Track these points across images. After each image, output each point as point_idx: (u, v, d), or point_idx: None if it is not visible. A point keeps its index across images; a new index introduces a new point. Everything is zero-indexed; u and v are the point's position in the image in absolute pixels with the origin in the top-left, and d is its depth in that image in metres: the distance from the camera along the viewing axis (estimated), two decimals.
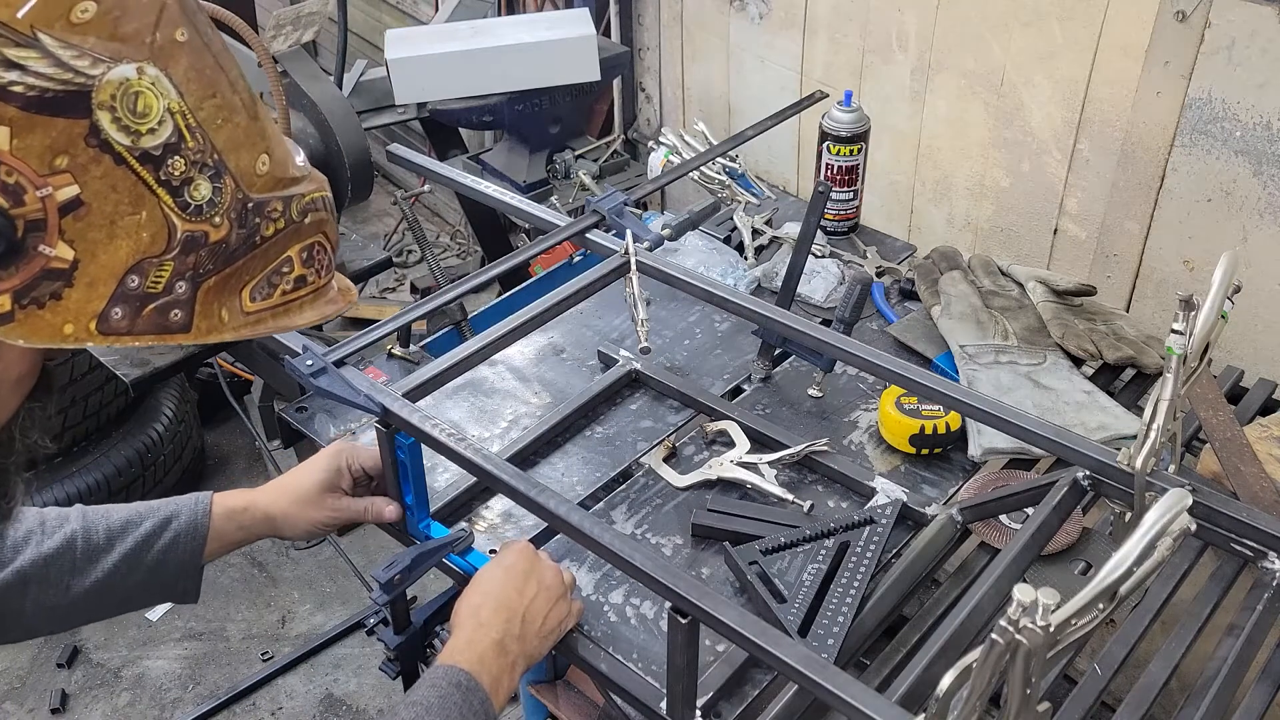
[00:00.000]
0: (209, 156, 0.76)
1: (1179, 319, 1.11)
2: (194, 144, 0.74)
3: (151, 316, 0.75)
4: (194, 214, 0.75)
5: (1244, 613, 1.21)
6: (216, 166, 0.76)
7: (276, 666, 2.82)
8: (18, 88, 0.66)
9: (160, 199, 0.73)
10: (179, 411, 3.22)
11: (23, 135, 0.66)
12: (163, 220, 0.74)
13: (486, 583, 1.23)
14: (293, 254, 0.87)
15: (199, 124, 0.74)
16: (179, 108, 0.73)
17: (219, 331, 0.81)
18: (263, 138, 0.81)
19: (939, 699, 0.83)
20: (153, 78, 0.71)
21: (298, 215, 0.85)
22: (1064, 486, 1.25)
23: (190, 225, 0.75)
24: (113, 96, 0.69)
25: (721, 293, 1.53)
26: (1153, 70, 1.92)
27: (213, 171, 0.76)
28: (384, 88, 2.72)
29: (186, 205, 0.75)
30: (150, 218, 0.73)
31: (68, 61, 0.67)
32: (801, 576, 1.29)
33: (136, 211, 0.72)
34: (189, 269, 0.76)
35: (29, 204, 0.67)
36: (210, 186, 0.76)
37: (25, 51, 0.66)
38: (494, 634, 1.18)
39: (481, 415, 1.66)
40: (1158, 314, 2.09)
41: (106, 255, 0.71)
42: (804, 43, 2.57)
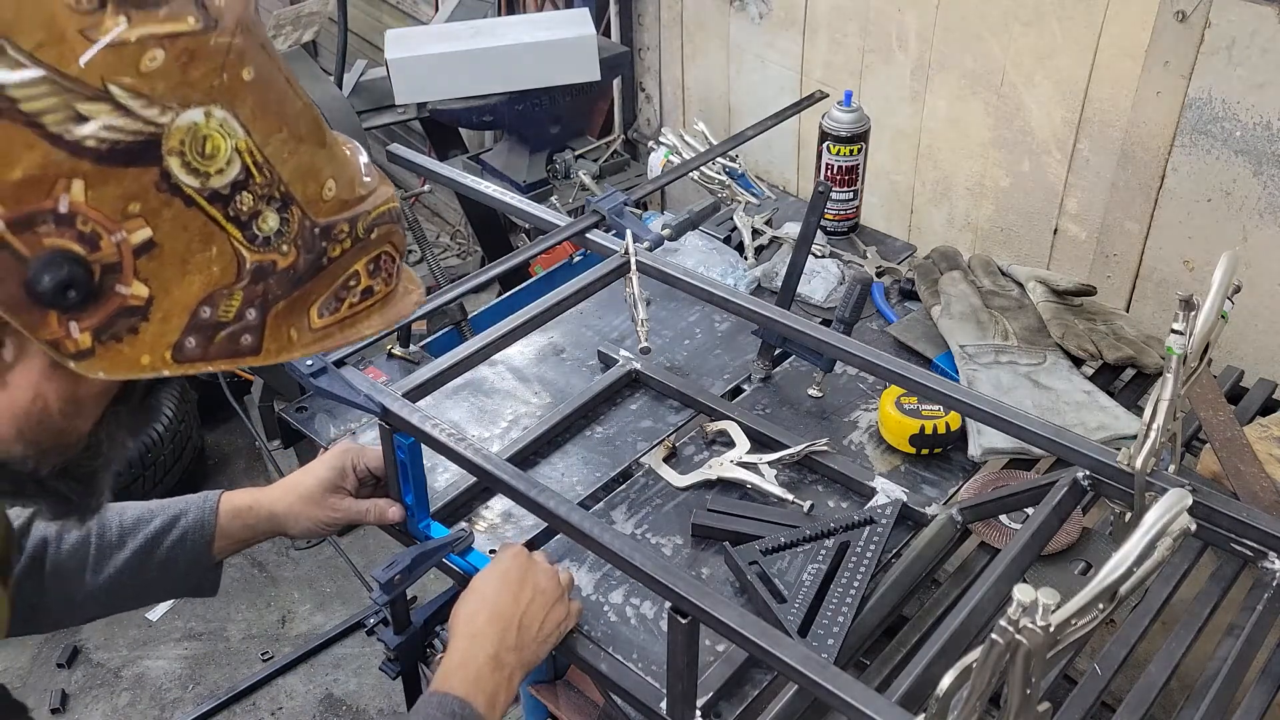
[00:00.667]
0: (276, 189, 0.77)
1: (1179, 319, 1.11)
2: (261, 179, 0.76)
3: (223, 343, 0.77)
4: (262, 245, 0.77)
5: (1244, 613, 1.21)
6: (283, 198, 0.78)
7: (276, 666, 2.82)
8: (90, 142, 0.67)
9: (229, 234, 0.75)
10: (179, 411, 3.22)
11: (97, 187, 0.68)
12: (232, 254, 0.75)
13: (481, 590, 1.23)
14: (359, 268, 0.88)
15: (266, 159, 0.76)
16: (246, 146, 0.74)
17: (289, 350, 0.83)
18: (330, 163, 0.83)
19: (939, 699, 0.83)
20: (220, 120, 0.72)
21: (364, 232, 0.86)
22: (1064, 486, 1.25)
23: (259, 256, 0.77)
24: (182, 142, 0.70)
25: (721, 293, 1.53)
26: (1153, 70, 1.92)
27: (280, 203, 0.77)
28: (384, 88, 2.72)
29: (255, 237, 0.76)
30: (220, 252, 0.75)
31: (138, 111, 0.68)
32: (801, 576, 1.29)
33: (207, 248, 0.74)
34: (258, 296, 0.78)
35: (105, 249, 0.69)
36: (278, 218, 0.78)
37: (97, 105, 0.67)
38: (489, 648, 1.17)
39: (481, 415, 1.66)
40: (1158, 314, 2.09)
41: (179, 290, 0.73)
42: (804, 43, 2.57)
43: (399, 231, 0.92)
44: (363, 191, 0.86)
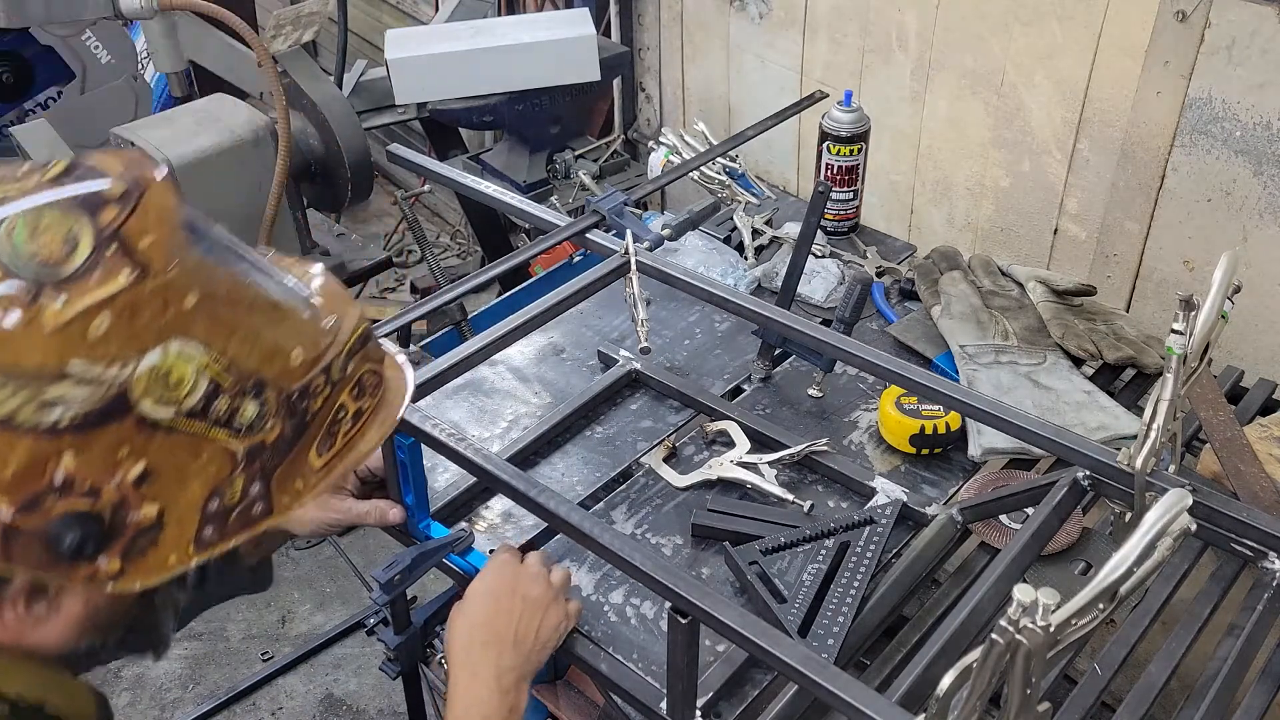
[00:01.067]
0: (247, 382, 0.81)
1: (1179, 319, 1.11)
2: (230, 380, 0.80)
3: (238, 521, 0.82)
4: (248, 432, 0.82)
5: (1244, 613, 1.21)
6: (255, 385, 0.82)
7: (276, 666, 2.82)
8: (64, 422, 0.72)
9: (215, 438, 0.79)
10: None
11: (84, 451, 0.73)
12: (223, 451, 0.80)
13: (471, 614, 1.21)
14: (344, 400, 0.92)
15: (230, 361, 0.80)
16: (207, 361, 0.78)
17: (300, 499, 0.88)
18: (291, 332, 0.86)
19: (939, 699, 0.83)
20: (177, 350, 0.77)
21: (339, 372, 0.90)
22: (1064, 486, 1.25)
23: (248, 441, 0.82)
24: (148, 384, 0.75)
25: (721, 293, 1.53)
26: (1153, 70, 1.92)
27: (253, 392, 0.81)
28: (384, 88, 2.72)
29: (239, 429, 0.81)
30: (212, 455, 0.79)
31: (99, 377, 0.73)
32: (801, 576, 1.29)
33: (198, 456, 0.79)
34: (257, 473, 0.83)
35: (108, 495, 0.74)
36: (255, 405, 0.82)
37: (60, 387, 0.72)
38: (489, 675, 1.16)
39: (481, 415, 1.66)
40: (1158, 314, 2.09)
41: (185, 497, 0.79)
42: (804, 43, 2.57)
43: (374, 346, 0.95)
44: (327, 340, 0.89)
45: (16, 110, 2.43)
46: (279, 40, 1.92)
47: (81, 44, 2.43)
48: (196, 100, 2.02)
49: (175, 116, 1.92)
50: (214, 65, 2.48)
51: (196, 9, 1.97)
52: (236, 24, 1.90)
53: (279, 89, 1.89)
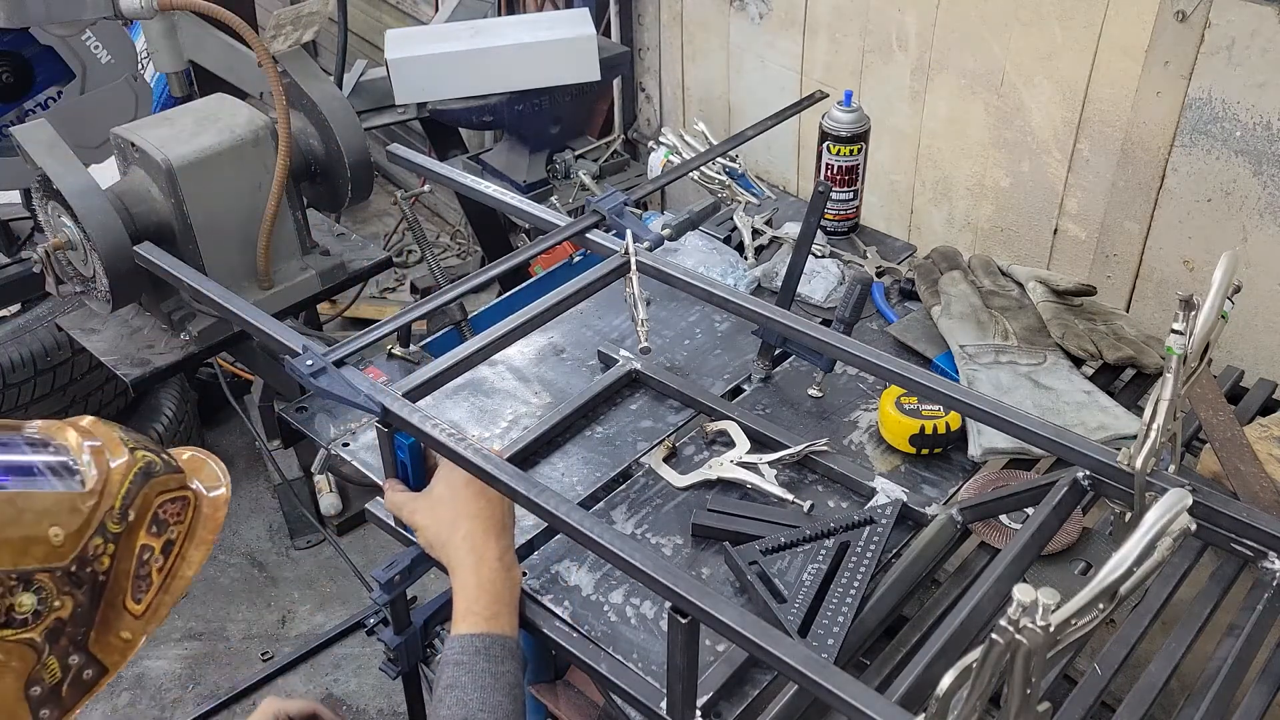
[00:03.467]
0: (8, 580, 0.81)
1: (1179, 319, 1.11)
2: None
3: (71, 693, 0.84)
4: (35, 618, 0.82)
5: (1244, 613, 1.21)
6: (20, 577, 0.82)
7: (276, 666, 2.82)
8: None
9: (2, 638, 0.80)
10: (179, 411, 3.22)
11: None
12: (16, 644, 0.81)
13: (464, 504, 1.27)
14: (143, 541, 0.92)
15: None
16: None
17: (131, 648, 0.89)
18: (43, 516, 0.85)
19: (939, 699, 0.83)
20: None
21: (118, 523, 0.90)
22: (1064, 486, 1.25)
23: (40, 627, 0.82)
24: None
25: (721, 293, 1.53)
26: (1153, 70, 1.92)
27: (20, 583, 0.81)
28: (384, 88, 2.72)
29: (25, 621, 0.81)
30: (8, 653, 0.80)
31: None
32: (801, 576, 1.29)
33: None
34: (68, 646, 0.84)
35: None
36: (30, 595, 0.82)
37: None
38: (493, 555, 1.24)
39: (481, 415, 1.66)
40: (1158, 314, 2.09)
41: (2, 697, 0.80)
42: (804, 43, 2.57)
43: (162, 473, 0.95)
44: (91, 501, 0.88)
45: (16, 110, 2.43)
46: (279, 40, 1.92)
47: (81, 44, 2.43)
48: (196, 100, 2.02)
49: (175, 116, 1.92)
50: (214, 65, 2.48)
51: (196, 9, 1.97)
52: (236, 24, 1.90)
53: (279, 89, 1.89)
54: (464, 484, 1.28)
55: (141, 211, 1.84)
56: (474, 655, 1.16)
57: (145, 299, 1.99)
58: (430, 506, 1.30)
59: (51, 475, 0.89)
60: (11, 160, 2.29)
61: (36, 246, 1.88)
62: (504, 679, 1.16)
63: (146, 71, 2.84)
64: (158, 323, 2.02)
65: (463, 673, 1.15)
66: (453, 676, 1.15)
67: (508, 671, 1.17)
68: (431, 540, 1.29)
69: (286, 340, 1.43)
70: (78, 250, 1.82)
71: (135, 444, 0.97)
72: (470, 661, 1.16)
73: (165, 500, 0.95)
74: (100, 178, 1.84)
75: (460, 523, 1.26)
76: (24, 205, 2.69)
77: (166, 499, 0.95)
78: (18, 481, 0.87)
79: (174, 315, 1.96)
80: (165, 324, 1.99)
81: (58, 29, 2.21)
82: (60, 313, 2.10)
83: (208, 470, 1.05)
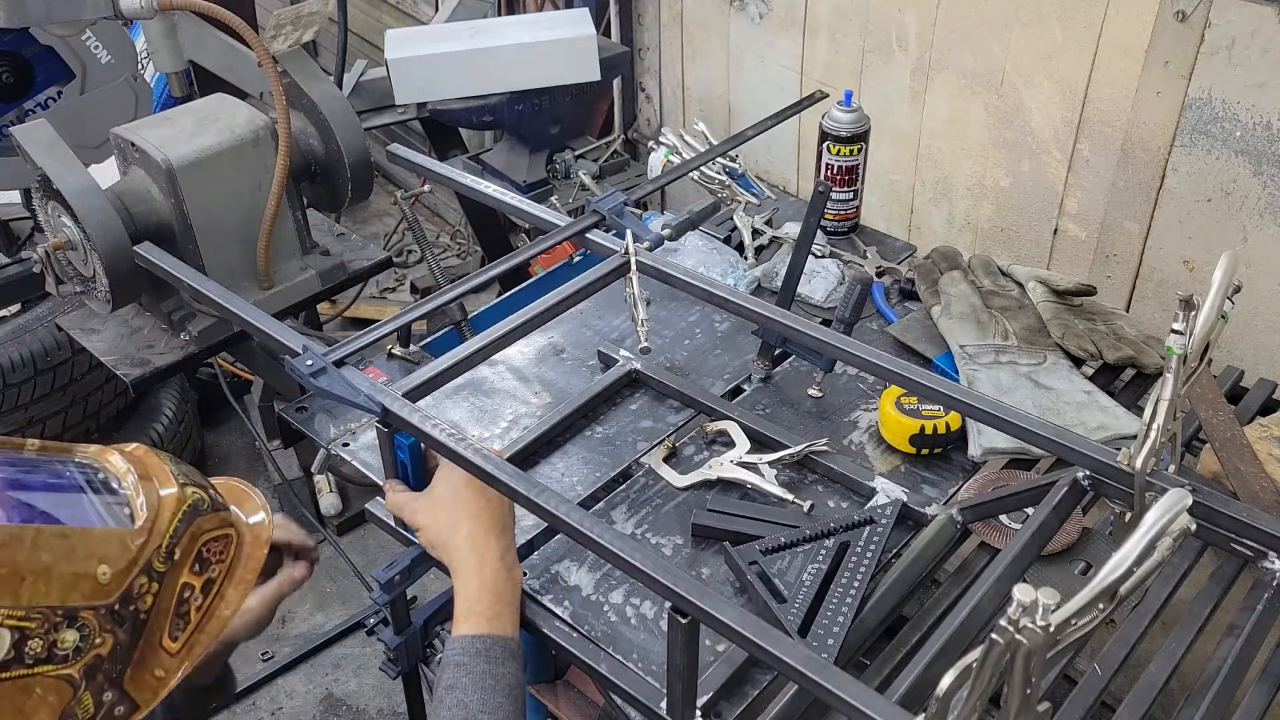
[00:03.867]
0: (54, 615, 0.81)
1: (1179, 319, 1.11)
2: (35, 622, 0.80)
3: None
4: (76, 654, 0.82)
5: (1244, 613, 1.21)
6: (66, 614, 0.82)
7: (276, 666, 2.82)
8: None
9: (42, 673, 0.80)
10: (179, 411, 3.22)
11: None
12: (55, 681, 0.81)
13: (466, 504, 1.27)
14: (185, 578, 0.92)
15: (28, 607, 0.80)
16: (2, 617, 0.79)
17: (164, 686, 0.88)
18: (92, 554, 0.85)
19: (939, 699, 0.83)
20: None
21: (164, 561, 0.89)
22: (1064, 486, 1.25)
23: (80, 663, 0.82)
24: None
25: (721, 293, 1.53)
26: (1153, 70, 1.92)
27: (66, 620, 0.82)
28: (384, 88, 2.72)
29: (65, 657, 0.81)
30: (46, 688, 0.80)
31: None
32: (801, 576, 1.29)
33: (31, 694, 0.79)
34: (104, 683, 0.84)
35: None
36: (74, 632, 0.82)
37: None
38: (494, 555, 1.24)
39: (481, 415, 1.66)
40: (1158, 314, 2.09)
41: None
42: (804, 43, 2.57)
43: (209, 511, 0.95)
44: (140, 539, 0.88)
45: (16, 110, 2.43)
46: (279, 40, 1.92)
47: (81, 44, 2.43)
48: (196, 100, 2.02)
49: (175, 116, 1.92)
50: (214, 65, 2.48)
51: (196, 9, 1.97)
52: (236, 24, 1.90)
53: (279, 89, 1.89)
54: (464, 484, 1.28)
55: (141, 211, 1.84)
56: (474, 656, 1.17)
57: (145, 299, 1.99)
58: (431, 506, 1.30)
59: (103, 510, 0.88)
60: (11, 160, 2.29)
61: (36, 246, 1.88)
62: (504, 680, 1.16)
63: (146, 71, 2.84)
64: (158, 323, 2.02)
65: (463, 674, 1.15)
66: (453, 677, 1.15)
67: (508, 673, 1.17)
68: (432, 540, 1.29)
69: (286, 340, 1.43)
70: (78, 250, 1.82)
71: (185, 478, 0.96)
72: (471, 663, 1.16)
73: (209, 539, 0.95)
74: (100, 178, 1.84)
75: (461, 523, 1.26)
76: (24, 205, 2.69)
77: (210, 537, 0.95)
78: (70, 515, 0.86)
79: (174, 315, 1.96)
80: (165, 324, 1.99)
81: (58, 29, 2.21)
82: (60, 313, 2.10)
83: (250, 503, 1.06)
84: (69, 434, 2.95)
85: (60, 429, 2.97)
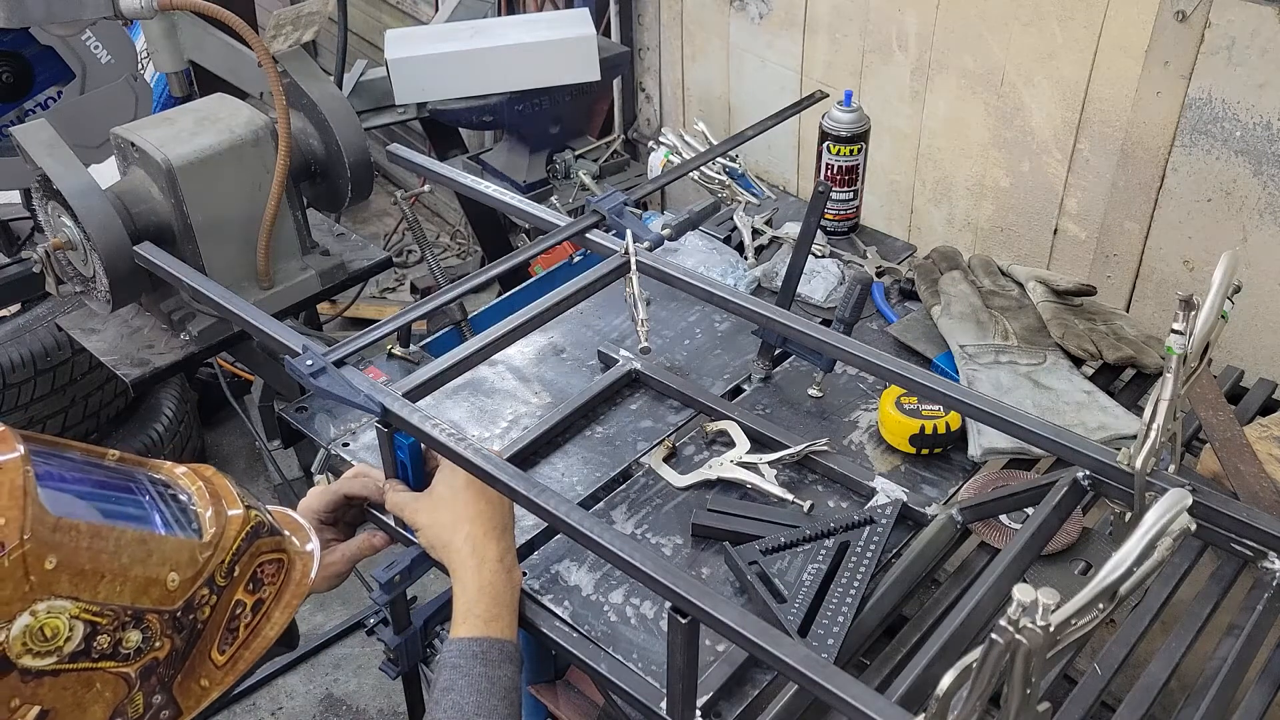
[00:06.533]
0: (123, 615, 0.85)
1: (1179, 319, 1.11)
2: (107, 619, 0.84)
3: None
4: (136, 655, 0.86)
5: (1244, 613, 1.21)
6: (134, 616, 0.86)
7: (277, 666, 2.82)
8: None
9: (104, 668, 0.84)
10: (179, 411, 3.22)
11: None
12: (115, 677, 0.85)
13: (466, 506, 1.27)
14: (239, 597, 0.96)
15: (102, 604, 0.84)
16: (79, 610, 0.82)
17: (207, 696, 0.92)
18: (165, 561, 0.89)
19: (939, 699, 0.83)
20: (46, 608, 0.81)
21: (224, 577, 0.94)
22: (1064, 486, 1.25)
23: (138, 663, 0.86)
24: (24, 643, 0.80)
25: (721, 293, 1.53)
26: (1153, 70, 1.92)
27: (133, 621, 0.86)
28: (384, 88, 2.72)
29: (126, 656, 0.85)
30: (105, 683, 0.84)
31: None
32: (801, 576, 1.29)
33: (91, 687, 0.83)
34: (156, 686, 0.88)
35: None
36: (138, 633, 0.86)
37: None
38: (494, 557, 1.24)
39: (481, 415, 1.66)
40: (1158, 314, 2.09)
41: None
42: (804, 43, 2.57)
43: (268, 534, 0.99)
44: (207, 553, 0.93)
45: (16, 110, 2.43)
46: (279, 40, 1.92)
47: (81, 44, 2.43)
48: (196, 100, 2.02)
49: (175, 116, 1.92)
50: (214, 65, 2.48)
51: (196, 9, 1.97)
52: (236, 24, 1.90)
53: (279, 89, 1.89)
54: (465, 485, 1.28)
55: (141, 211, 1.84)
56: (471, 659, 1.17)
57: (145, 299, 1.99)
58: (431, 507, 1.30)
59: (174, 522, 0.92)
60: (11, 160, 2.29)
61: (36, 246, 1.88)
62: (500, 683, 1.16)
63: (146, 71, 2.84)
64: (158, 323, 2.02)
65: (459, 676, 1.15)
66: (449, 680, 1.15)
67: (505, 676, 1.17)
68: (432, 541, 1.29)
69: (286, 340, 1.43)
70: (78, 250, 1.82)
71: (249, 501, 1.01)
72: (467, 665, 1.16)
73: (265, 560, 0.99)
74: (100, 178, 1.84)
75: (461, 524, 1.26)
76: (24, 205, 2.69)
77: (266, 559, 1.00)
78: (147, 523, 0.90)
79: (174, 315, 1.96)
80: (165, 324, 1.99)
81: (58, 29, 2.21)
82: (60, 313, 2.10)
83: (302, 533, 1.10)
84: (69, 434, 2.95)
85: (60, 429, 2.97)
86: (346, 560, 1.38)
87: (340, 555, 1.38)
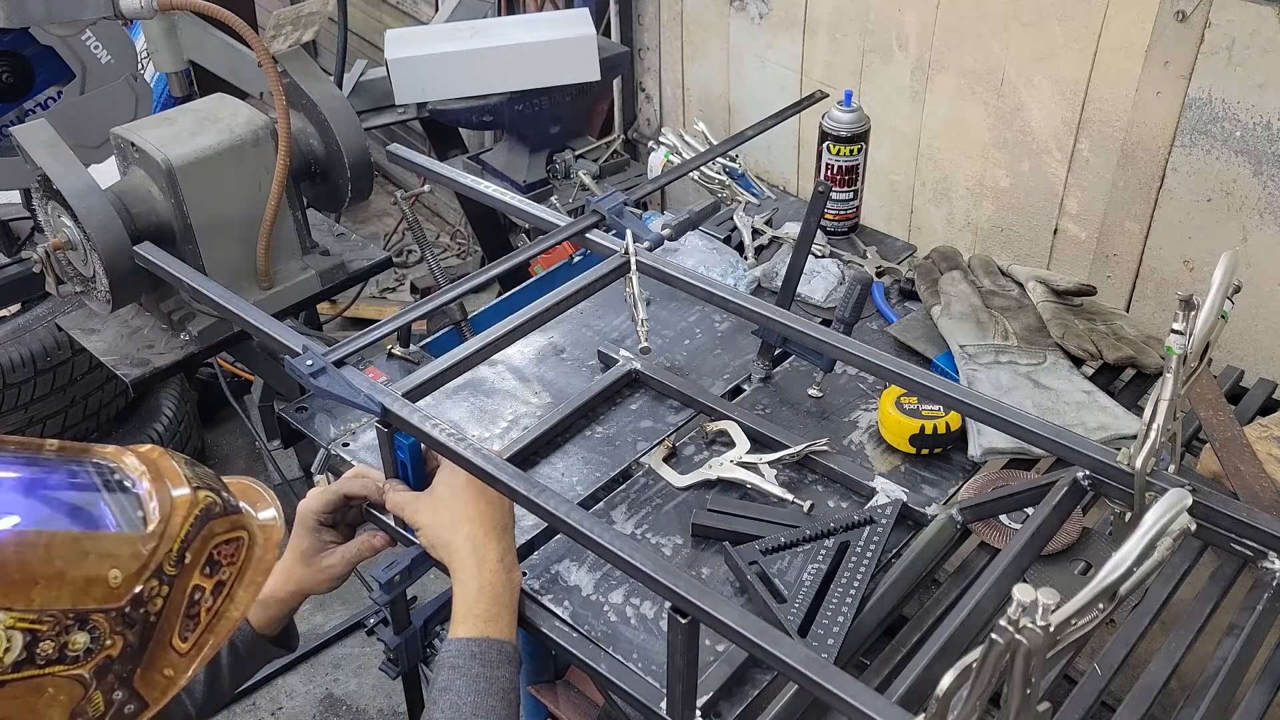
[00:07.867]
0: (65, 618, 0.82)
1: (1179, 319, 1.11)
2: (47, 625, 0.81)
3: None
4: (87, 655, 0.83)
5: (1244, 613, 1.21)
6: (77, 617, 0.83)
7: (277, 666, 2.82)
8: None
9: (53, 673, 0.81)
10: (179, 411, 3.22)
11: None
12: (67, 680, 0.82)
13: (466, 506, 1.27)
14: (196, 580, 0.92)
15: (40, 611, 0.81)
16: (14, 620, 0.80)
17: (174, 685, 0.89)
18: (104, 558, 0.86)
19: (939, 699, 0.83)
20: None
21: (174, 564, 0.90)
22: (1064, 486, 1.25)
23: (91, 663, 0.84)
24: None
25: (721, 293, 1.53)
26: (1153, 70, 1.92)
27: (77, 623, 0.83)
28: (384, 88, 2.72)
29: (76, 658, 0.83)
30: (57, 687, 0.81)
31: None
32: (801, 576, 1.29)
33: (43, 693, 0.81)
34: (115, 683, 0.85)
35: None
36: (84, 634, 0.83)
37: None
38: (493, 557, 1.24)
39: (481, 415, 1.66)
40: (1158, 314, 2.09)
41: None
42: (804, 43, 2.57)
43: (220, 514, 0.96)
44: (152, 544, 0.89)
45: (16, 110, 2.43)
46: (279, 40, 1.92)
47: (81, 44, 2.43)
48: (196, 100, 2.02)
49: (175, 116, 1.92)
50: (214, 65, 2.48)
51: (196, 9, 1.97)
52: (236, 24, 1.90)
53: (279, 89, 1.89)
54: (465, 485, 1.28)
55: (141, 211, 1.84)
56: (469, 660, 1.17)
57: (145, 299, 1.99)
58: (431, 507, 1.30)
59: (117, 511, 0.89)
60: (11, 160, 2.29)
61: (36, 246, 1.88)
62: (498, 684, 1.16)
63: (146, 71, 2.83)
64: (158, 323, 2.02)
65: (458, 676, 1.15)
66: (448, 680, 1.15)
67: (503, 676, 1.17)
68: (433, 540, 1.29)
69: (286, 340, 1.43)
70: (78, 250, 1.82)
71: (199, 481, 0.97)
72: (466, 665, 1.16)
73: (221, 542, 0.96)
74: (100, 178, 1.84)
75: (461, 524, 1.27)
76: (24, 205, 2.69)
77: (222, 540, 0.96)
78: (85, 516, 0.88)
79: (174, 315, 1.96)
80: (165, 324, 1.99)
81: (58, 29, 2.21)
82: (60, 313, 2.10)
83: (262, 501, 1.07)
84: (69, 434, 2.95)
85: (60, 429, 2.97)
86: (346, 562, 1.39)
87: (340, 557, 1.38)
